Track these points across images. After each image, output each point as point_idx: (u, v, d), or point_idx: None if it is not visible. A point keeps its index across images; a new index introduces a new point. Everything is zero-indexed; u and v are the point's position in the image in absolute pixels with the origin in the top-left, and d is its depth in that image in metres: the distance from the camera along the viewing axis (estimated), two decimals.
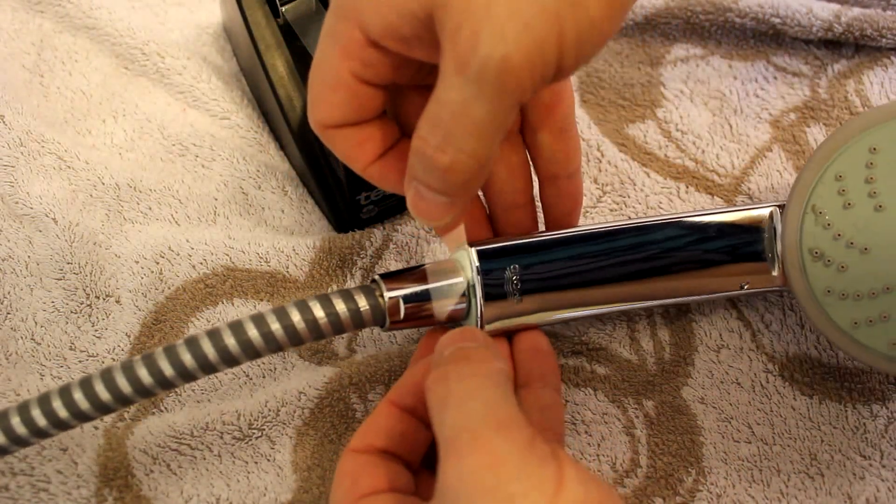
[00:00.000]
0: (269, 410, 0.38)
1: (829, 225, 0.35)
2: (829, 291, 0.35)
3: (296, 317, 0.32)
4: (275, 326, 0.32)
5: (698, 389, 0.40)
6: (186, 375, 0.32)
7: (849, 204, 0.35)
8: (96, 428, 0.39)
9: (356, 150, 0.32)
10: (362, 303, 0.33)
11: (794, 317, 0.41)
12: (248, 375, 0.40)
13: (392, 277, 0.34)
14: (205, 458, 0.38)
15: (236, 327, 0.32)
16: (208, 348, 0.31)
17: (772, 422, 0.39)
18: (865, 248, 0.34)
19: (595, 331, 0.41)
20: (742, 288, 0.37)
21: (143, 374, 0.31)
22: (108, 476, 0.37)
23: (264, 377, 0.40)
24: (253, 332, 0.32)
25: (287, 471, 0.38)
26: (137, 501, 0.37)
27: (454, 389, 0.28)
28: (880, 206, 0.34)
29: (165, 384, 0.32)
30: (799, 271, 0.36)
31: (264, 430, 0.38)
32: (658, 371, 0.40)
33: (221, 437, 0.38)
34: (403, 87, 0.33)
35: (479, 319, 0.35)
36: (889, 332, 0.35)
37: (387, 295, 0.34)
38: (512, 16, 0.25)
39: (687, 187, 0.45)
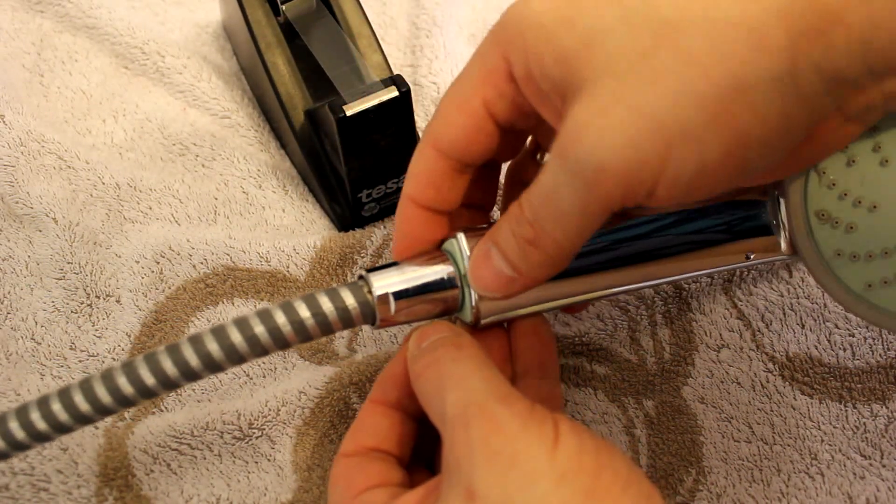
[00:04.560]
0: (270, 410, 0.38)
1: (833, 184, 0.33)
2: (839, 254, 0.33)
3: (280, 319, 0.30)
4: (258, 329, 0.30)
5: (698, 389, 0.40)
6: (168, 384, 0.30)
7: (853, 161, 0.32)
8: (97, 428, 0.39)
9: (427, 180, 0.32)
10: (350, 301, 0.31)
11: (794, 316, 0.42)
12: (248, 375, 0.40)
13: (379, 272, 0.32)
14: (205, 458, 0.38)
15: (219, 332, 0.30)
16: (190, 355, 0.30)
17: (772, 421, 0.39)
18: (874, 206, 0.32)
19: (595, 331, 0.41)
20: (748, 259, 0.36)
21: (123, 383, 0.30)
22: (108, 476, 0.37)
23: (265, 377, 0.40)
24: (236, 337, 0.30)
25: (287, 470, 0.38)
26: (138, 501, 0.37)
27: (451, 371, 0.29)
28: (886, 161, 0.32)
29: (145, 393, 0.31)
30: (806, 236, 0.34)
31: (264, 429, 0.38)
32: (658, 371, 0.41)
33: (222, 437, 0.38)
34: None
35: (473, 310, 0.33)
36: None
37: (375, 292, 0.32)
38: (624, 126, 0.25)
39: None
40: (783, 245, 0.35)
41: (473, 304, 0.33)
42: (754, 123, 0.25)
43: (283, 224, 0.45)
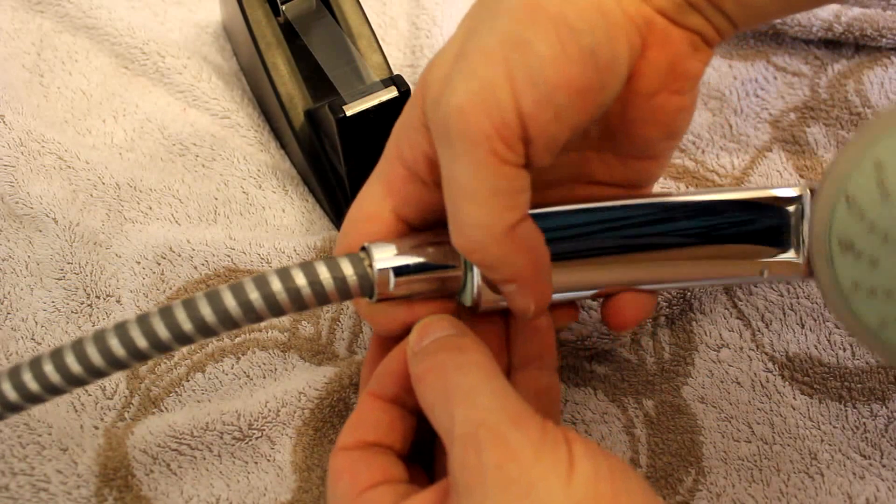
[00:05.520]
0: (270, 410, 0.38)
1: (863, 216, 0.31)
2: (856, 286, 0.32)
3: (276, 285, 0.30)
4: (254, 296, 0.29)
5: (698, 389, 0.40)
6: (160, 346, 0.30)
7: (888, 195, 0.31)
8: (96, 428, 0.39)
9: None
10: (349, 272, 0.31)
11: (794, 316, 0.42)
12: (248, 375, 0.40)
13: (382, 245, 0.32)
14: (205, 459, 0.38)
15: (213, 296, 0.29)
16: (183, 318, 0.29)
17: (772, 421, 0.39)
18: None
19: (598, 335, 0.41)
20: (762, 275, 0.35)
21: (114, 344, 0.29)
22: (108, 476, 0.37)
23: (264, 377, 0.40)
24: (230, 302, 0.29)
25: (287, 471, 0.38)
26: (137, 501, 0.37)
27: (457, 382, 0.28)
28: None
29: (138, 356, 0.30)
30: (826, 261, 0.32)
31: (264, 430, 0.38)
32: (658, 370, 0.41)
33: (221, 437, 0.38)
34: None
35: (474, 293, 0.32)
36: None
37: (376, 265, 0.31)
38: (461, 72, 0.27)
39: (687, 187, 0.45)
40: (800, 265, 0.34)
41: (476, 289, 0.32)
42: (567, 9, 0.27)
43: (283, 224, 0.45)
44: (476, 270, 0.32)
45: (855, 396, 0.40)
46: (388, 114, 0.38)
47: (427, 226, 0.33)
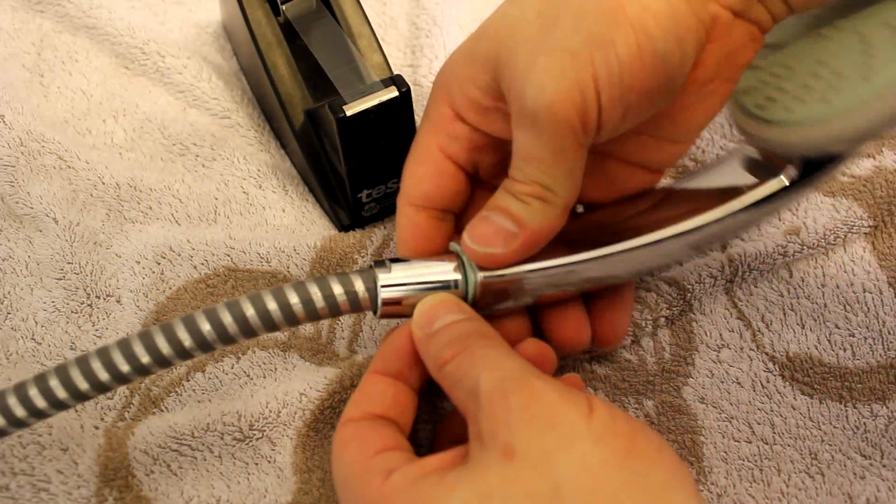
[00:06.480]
0: (270, 412, 0.38)
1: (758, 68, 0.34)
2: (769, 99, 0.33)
3: (293, 298, 0.33)
4: (271, 306, 0.32)
5: (698, 389, 0.40)
6: (182, 353, 0.33)
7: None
8: (97, 428, 0.39)
9: (414, 235, 0.36)
10: (360, 287, 0.33)
11: (794, 316, 0.42)
12: (248, 376, 0.40)
13: (391, 264, 0.34)
14: (205, 459, 0.38)
15: (233, 305, 0.32)
16: (204, 325, 0.32)
17: (772, 421, 0.39)
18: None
19: None
20: (746, 191, 0.35)
21: (139, 351, 0.32)
22: (108, 476, 0.37)
23: (265, 377, 0.40)
24: (249, 311, 0.32)
25: (287, 472, 0.38)
26: (138, 502, 0.37)
27: (483, 355, 0.31)
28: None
29: (162, 362, 0.33)
30: (735, 104, 0.34)
31: (265, 431, 0.38)
32: (658, 371, 0.41)
33: (222, 438, 0.38)
34: (477, 187, 0.37)
35: (475, 301, 0.34)
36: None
37: (381, 283, 0.34)
38: (549, 67, 0.29)
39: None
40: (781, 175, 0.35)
41: (475, 291, 0.34)
42: (646, 15, 0.29)
43: (283, 224, 0.45)
44: (476, 281, 0.34)
45: (855, 396, 0.40)
46: (388, 114, 0.38)
47: (469, 162, 0.36)
